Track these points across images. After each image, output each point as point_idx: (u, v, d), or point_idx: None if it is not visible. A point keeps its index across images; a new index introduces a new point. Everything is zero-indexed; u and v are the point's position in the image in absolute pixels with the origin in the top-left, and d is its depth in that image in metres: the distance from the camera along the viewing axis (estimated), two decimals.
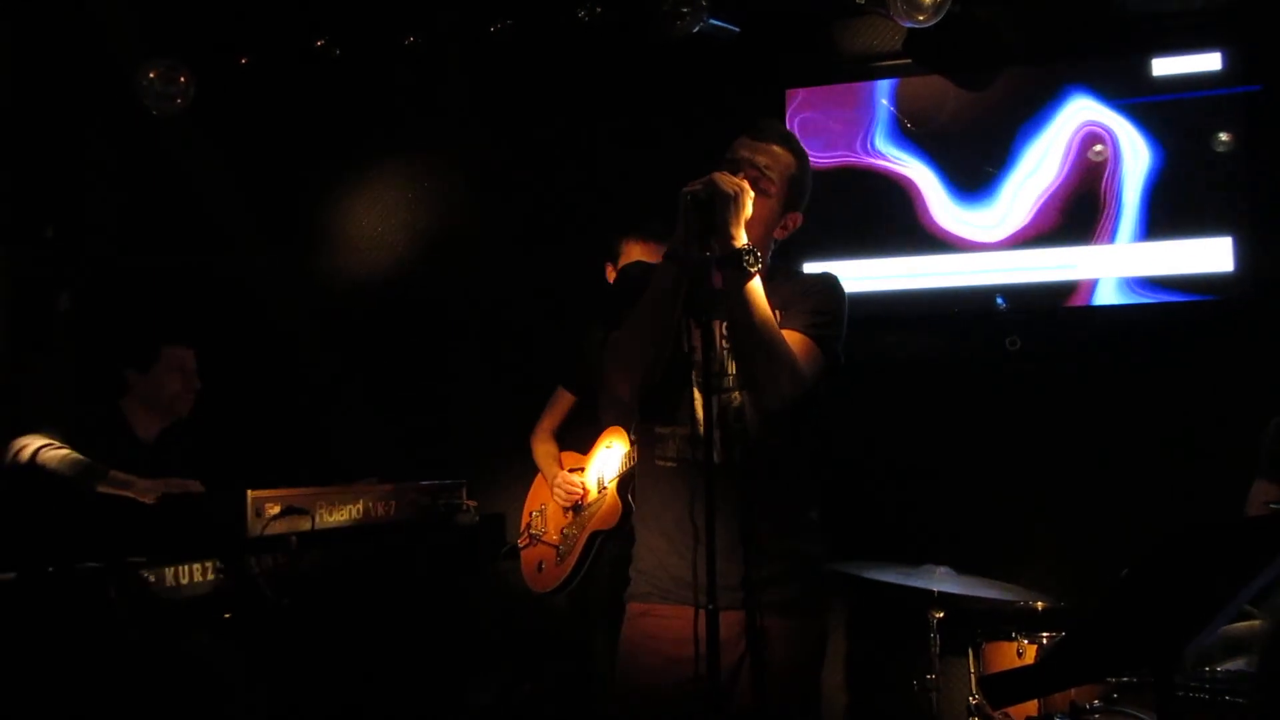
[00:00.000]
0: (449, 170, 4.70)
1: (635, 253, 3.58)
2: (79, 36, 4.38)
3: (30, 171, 4.51)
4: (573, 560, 3.61)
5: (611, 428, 3.61)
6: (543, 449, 3.78)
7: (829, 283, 2.37)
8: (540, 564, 3.73)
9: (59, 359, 4.57)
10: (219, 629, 2.91)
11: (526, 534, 3.79)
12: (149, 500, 3.03)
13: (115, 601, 2.66)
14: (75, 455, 3.23)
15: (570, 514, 3.66)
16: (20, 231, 4.49)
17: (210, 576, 2.89)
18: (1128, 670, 2.90)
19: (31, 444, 3.25)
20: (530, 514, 3.82)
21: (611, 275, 3.69)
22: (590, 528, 3.59)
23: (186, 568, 2.84)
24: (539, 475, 3.81)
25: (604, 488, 3.57)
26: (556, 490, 3.67)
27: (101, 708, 2.70)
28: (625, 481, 3.47)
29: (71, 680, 2.66)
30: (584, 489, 3.64)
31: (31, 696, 2.66)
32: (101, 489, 3.13)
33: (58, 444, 3.25)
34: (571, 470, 3.70)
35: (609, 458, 3.60)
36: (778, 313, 2.24)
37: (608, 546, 3.57)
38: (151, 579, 2.75)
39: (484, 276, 4.54)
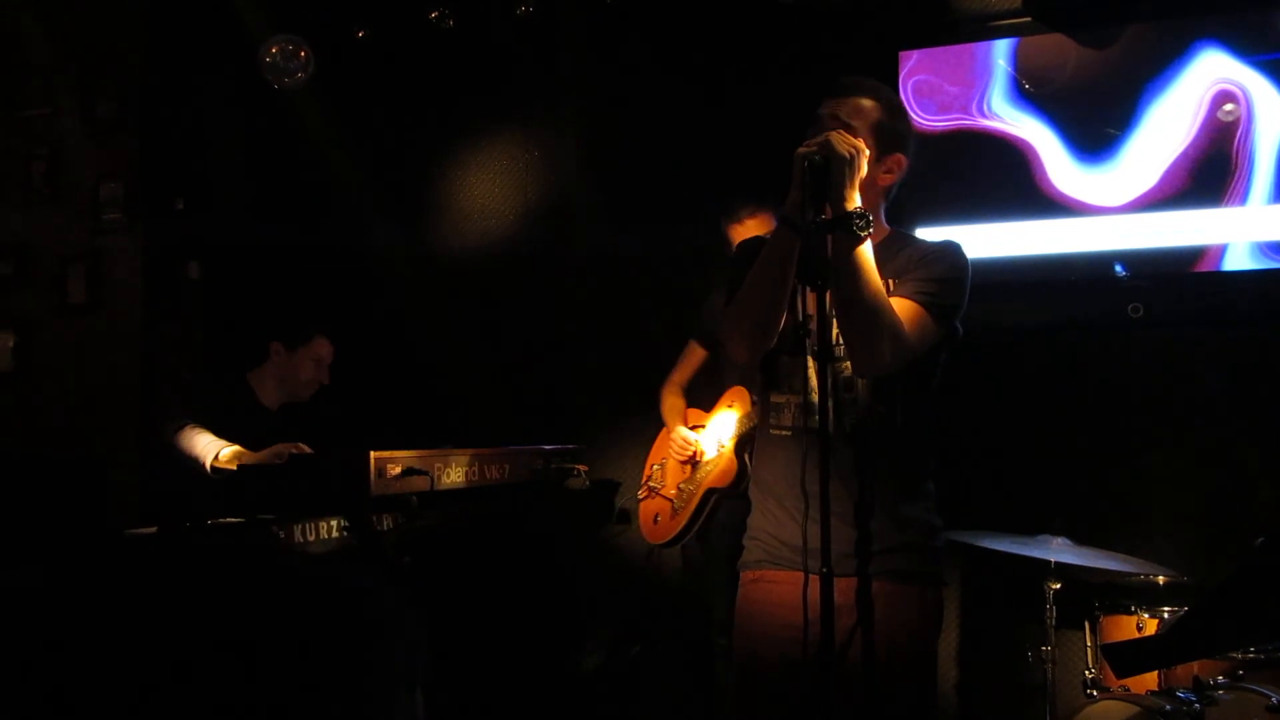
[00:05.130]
0: (559, 138, 4.73)
1: (752, 226, 3.58)
2: (208, 10, 4.52)
3: (161, 145, 4.69)
4: (687, 515, 3.67)
5: (734, 388, 3.64)
6: (669, 403, 3.83)
7: (949, 250, 2.32)
8: (657, 516, 3.80)
9: (189, 326, 4.77)
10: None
11: (646, 486, 3.86)
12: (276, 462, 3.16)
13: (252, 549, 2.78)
14: (200, 436, 3.37)
15: (688, 469, 3.71)
16: (152, 204, 4.68)
17: (335, 534, 3.00)
18: (1260, 644, 2.82)
19: (171, 426, 3.42)
20: (652, 467, 3.88)
21: (733, 233, 3.68)
22: (706, 484, 3.64)
23: (313, 525, 2.95)
24: (664, 430, 3.85)
25: (722, 446, 3.60)
26: (671, 444, 3.74)
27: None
28: (743, 442, 3.49)
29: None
30: (698, 447, 3.67)
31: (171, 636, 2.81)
32: (217, 465, 3.27)
33: (191, 425, 3.41)
34: (693, 427, 3.75)
35: (728, 419, 3.64)
36: (891, 280, 2.21)
37: (723, 506, 3.61)
38: (281, 535, 2.87)
39: (595, 244, 4.57)
